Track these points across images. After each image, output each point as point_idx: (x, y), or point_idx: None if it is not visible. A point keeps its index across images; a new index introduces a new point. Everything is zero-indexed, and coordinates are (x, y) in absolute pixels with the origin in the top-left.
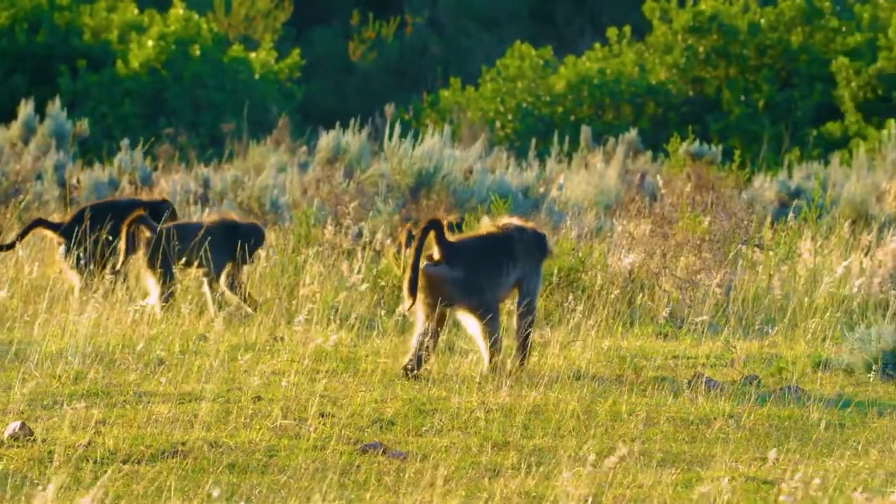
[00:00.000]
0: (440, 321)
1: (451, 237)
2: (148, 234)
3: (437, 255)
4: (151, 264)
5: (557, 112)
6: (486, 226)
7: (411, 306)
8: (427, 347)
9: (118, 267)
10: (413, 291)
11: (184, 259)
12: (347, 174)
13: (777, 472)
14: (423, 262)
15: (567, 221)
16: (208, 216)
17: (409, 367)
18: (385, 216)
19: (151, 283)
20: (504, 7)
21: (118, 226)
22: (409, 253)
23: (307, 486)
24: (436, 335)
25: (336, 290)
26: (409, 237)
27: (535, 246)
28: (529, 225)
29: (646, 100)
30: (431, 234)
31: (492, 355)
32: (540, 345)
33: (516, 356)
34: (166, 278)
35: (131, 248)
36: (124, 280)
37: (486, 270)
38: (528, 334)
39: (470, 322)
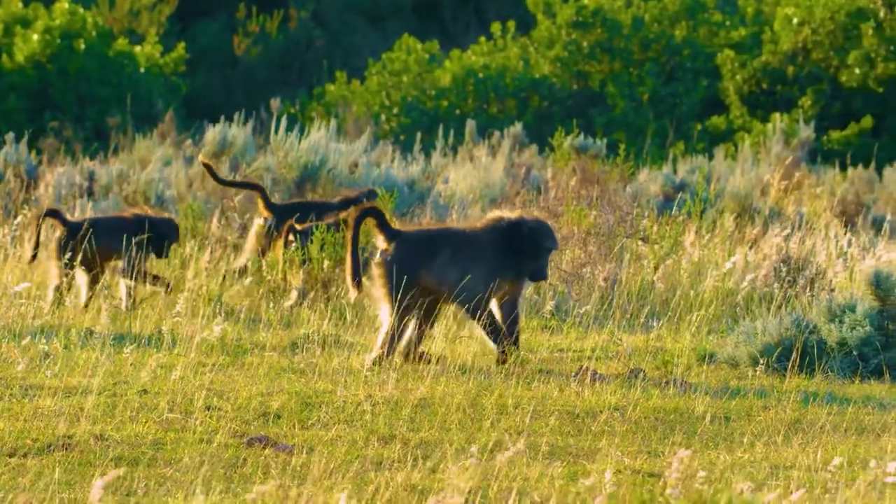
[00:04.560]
0: (427, 313)
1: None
2: (60, 228)
3: (383, 244)
4: (58, 258)
5: (443, 106)
6: (474, 219)
7: (357, 296)
8: (412, 341)
9: (29, 259)
10: (356, 280)
11: (99, 253)
12: (233, 168)
13: (662, 464)
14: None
15: (453, 215)
16: (124, 212)
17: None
18: None
19: (54, 276)
20: (389, 1)
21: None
22: (348, 240)
23: (193, 479)
24: (421, 328)
25: (222, 283)
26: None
27: (494, 243)
28: (513, 216)
29: (530, 94)
30: (373, 223)
31: (378, 345)
32: (427, 337)
33: (501, 350)
34: (61, 272)
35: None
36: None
37: (421, 259)
38: (502, 330)
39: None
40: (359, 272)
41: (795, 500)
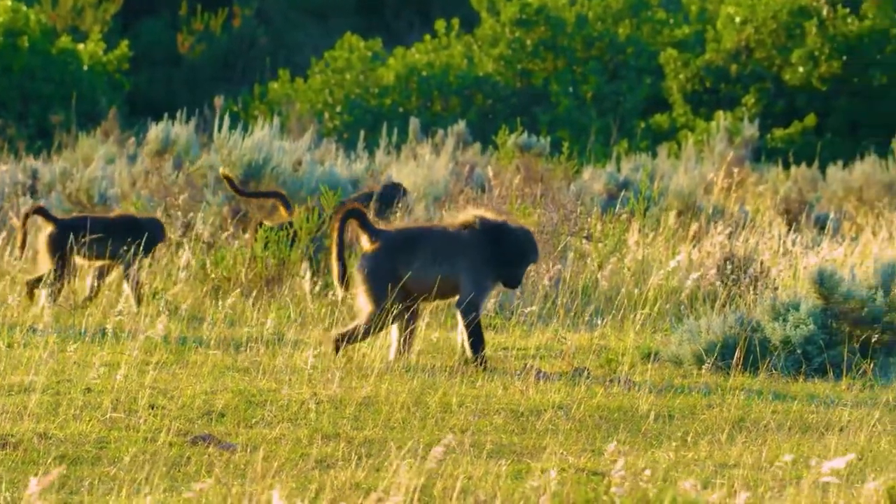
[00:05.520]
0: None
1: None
2: (49, 225)
3: (366, 244)
4: (51, 255)
5: (386, 104)
6: (447, 218)
7: (344, 296)
8: (404, 340)
9: (18, 256)
10: (342, 280)
11: (85, 252)
12: (176, 166)
13: (607, 462)
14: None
15: (396, 213)
16: (110, 212)
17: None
18: (214, 208)
19: (40, 272)
20: None
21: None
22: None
23: (137, 477)
24: (407, 324)
25: (165, 281)
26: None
27: (479, 244)
28: (499, 219)
29: (474, 92)
30: (356, 224)
31: (338, 334)
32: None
33: (468, 354)
34: (59, 270)
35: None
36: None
37: (404, 258)
38: (471, 333)
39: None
40: (344, 272)
41: (740, 501)
